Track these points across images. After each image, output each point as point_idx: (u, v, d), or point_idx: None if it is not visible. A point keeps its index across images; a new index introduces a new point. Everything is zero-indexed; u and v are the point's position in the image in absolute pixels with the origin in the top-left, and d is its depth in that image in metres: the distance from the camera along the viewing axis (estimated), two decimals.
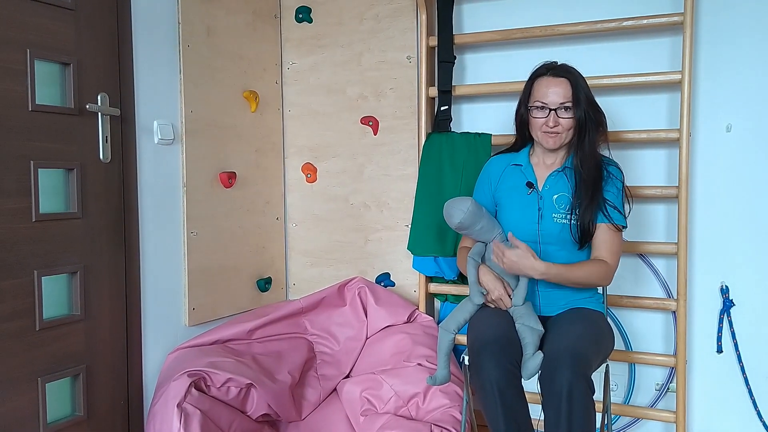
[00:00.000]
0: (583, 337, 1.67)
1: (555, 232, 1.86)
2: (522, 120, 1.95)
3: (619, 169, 1.91)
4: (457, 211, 1.87)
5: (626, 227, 1.89)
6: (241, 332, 2.29)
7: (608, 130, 1.93)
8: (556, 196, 1.88)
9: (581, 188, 1.84)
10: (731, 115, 2.21)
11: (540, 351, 1.69)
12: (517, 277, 1.83)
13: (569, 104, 1.82)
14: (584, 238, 1.84)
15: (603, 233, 1.86)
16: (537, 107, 1.86)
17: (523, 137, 1.99)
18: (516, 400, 1.65)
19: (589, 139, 1.85)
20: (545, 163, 1.94)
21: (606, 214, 1.84)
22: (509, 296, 1.81)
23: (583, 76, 1.88)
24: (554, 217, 1.86)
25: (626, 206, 1.91)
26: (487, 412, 1.67)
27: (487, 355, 1.65)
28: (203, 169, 2.35)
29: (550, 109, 1.83)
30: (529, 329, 1.73)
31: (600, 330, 1.78)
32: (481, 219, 1.89)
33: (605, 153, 1.95)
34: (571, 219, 1.84)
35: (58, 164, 1.85)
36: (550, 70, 1.86)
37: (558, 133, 1.84)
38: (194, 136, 2.30)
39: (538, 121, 1.86)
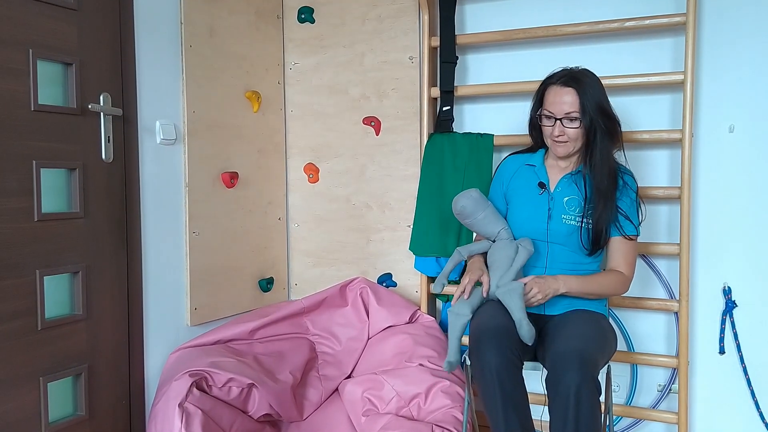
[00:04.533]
0: (589, 339, 1.67)
1: (563, 233, 1.87)
2: (533, 124, 1.97)
3: (634, 178, 1.92)
4: (462, 197, 1.94)
5: (639, 235, 1.90)
6: (243, 332, 2.29)
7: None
8: (566, 199, 1.89)
9: (594, 195, 1.85)
10: (734, 115, 2.21)
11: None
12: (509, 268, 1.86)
13: (575, 114, 1.82)
14: (595, 245, 1.84)
15: (617, 244, 1.89)
16: (545, 116, 1.87)
17: (538, 141, 2.00)
18: (516, 389, 1.64)
19: (600, 146, 1.84)
20: (559, 166, 1.95)
21: (618, 226, 1.86)
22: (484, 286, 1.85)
23: (599, 80, 1.86)
24: (563, 218, 1.87)
25: (639, 214, 1.92)
26: (486, 401, 1.66)
27: (487, 341, 1.65)
28: (205, 169, 2.35)
29: (556, 119, 1.83)
30: (507, 292, 1.75)
31: (604, 331, 1.78)
32: (485, 209, 1.93)
33: (621, 160, 1.94)
34: (582, 223, 1.85)
35: (61, 164, 1.85)
36: (561, 78, 1.85)
37: (565, 142, 1.85)
38: (196, 136, 2.30)
39: (547, 129, 1.88)
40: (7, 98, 1.71)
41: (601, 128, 1.83)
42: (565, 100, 1.82)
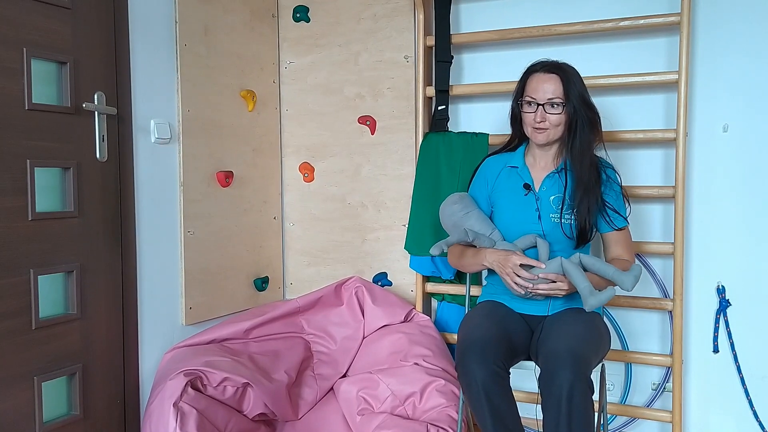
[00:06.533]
0: (583, 338, 1.68)
1: (553, 231, 1.87)
2: (514, 115, 1.97)
3: (616, 171, 1.93)
4: (448, 199, 2.02)
5: (629, 224, 1.93)
6: (238, 331, 2.29)
7: (605, 129, 1.93)
8: (552, 198, 1.89)
9: (576, 187, 1.85)
10: (728, 115, 2.22)
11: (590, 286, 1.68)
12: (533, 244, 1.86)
13: (558, 101, 1.82)
14: (582, 236, 1.85)
15: (612, 237, 1.91)
16: (526, 102, 1.87)
17: (518, 134, 2.00)
18: (503, 400, 1.65)
19: (581, 137, 1.85)
20: (540, 165, 1.95)
21: (609, 220, 1.87)
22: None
23: (580, 74, 1.88)
24: (552, 217, 1.88)
25: (626, 206, 1.94)
26: (474, 413, 1.69)
27: (472, 355, 1.65)
28: (200, 169, 2.35)
29: (538, 104, 1.84)
30: (571, 264, 1.72)
31: (598, 330, 1.78)
32: (475, 207, 1.97)
33: (601, 154, 1.95)
34: (562, 218, 1.86)
35: (55, 163, 1.85)
36: (544, 66, 1.87)
37: (545, 129, 1.85)
38: (191, 135, 2.30)
39: (528, 116, 1.88)
40: (1, 97, 1.70)
41: (582, 117, 1.84)
42: (548, 87, 1.83)
